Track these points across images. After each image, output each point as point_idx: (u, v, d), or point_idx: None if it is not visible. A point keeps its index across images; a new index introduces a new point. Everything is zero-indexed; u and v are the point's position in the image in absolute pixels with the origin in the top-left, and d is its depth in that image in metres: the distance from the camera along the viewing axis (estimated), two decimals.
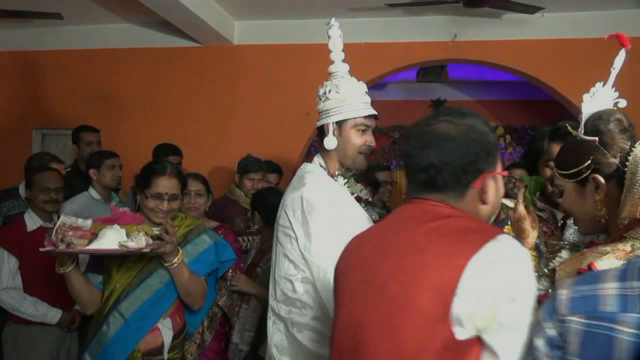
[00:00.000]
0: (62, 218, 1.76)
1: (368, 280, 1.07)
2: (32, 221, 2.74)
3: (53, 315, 2.65)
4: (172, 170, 2.07)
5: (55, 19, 4.19)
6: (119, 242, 1.81)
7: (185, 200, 2.41)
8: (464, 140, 1.05)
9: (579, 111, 1.34)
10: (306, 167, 1.90)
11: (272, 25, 4.63)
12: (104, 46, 4.85)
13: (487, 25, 4.32)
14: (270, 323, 1.77)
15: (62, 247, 1.73)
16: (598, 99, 1.32)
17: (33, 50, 4.98)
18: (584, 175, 1.19)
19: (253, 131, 4.59)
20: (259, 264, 2.67)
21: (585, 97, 1.33)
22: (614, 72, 1.39)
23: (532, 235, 1.47)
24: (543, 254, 1.59)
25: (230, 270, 2.52)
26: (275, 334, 1.74)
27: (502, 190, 1.15)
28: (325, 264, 1.67)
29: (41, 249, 1.75)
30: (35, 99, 4.99)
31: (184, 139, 4.10)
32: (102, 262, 2.06)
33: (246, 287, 2.58)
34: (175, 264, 1.94)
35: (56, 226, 1.74)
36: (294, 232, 1.74)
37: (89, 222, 1.79)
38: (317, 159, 1.90)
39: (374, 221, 1.89)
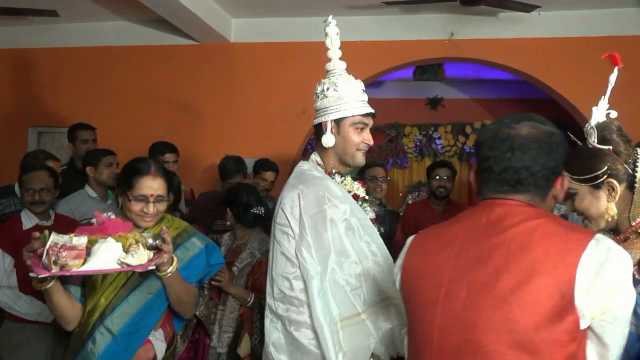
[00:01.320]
0: (54, 237, 1.56)
1: (468, 280, 1.11)
2: (28, 220, 2.73)
3: (48, 314, 2.65)
4: (157, 169, 1.87)
5: (51, 16, 4.17)
6: (119, 260, 1.61)
7: None
8: (551, 143, 1.14)
9: (576, 110, 1.40)
10: (303, 165, 1.90)
11: (269, 23, 4.62)
12: (100, 44, 4.84)
13: (484, 24, 4.32)
14: (267, 321, 1.77)
15: (55, 270, 1.53)
16: (600, 111, 1.49)
17: (28, 47, 4.96)
18: (600, 180, 1.38)
19: (250, 129, 4.59)
20: (233, 263, 2.63)
21: (594, 109, 1.49)
22: (609, 87, 1.54)
23: None
24: None
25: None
26: (273, 332, 1.75)
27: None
28: (311, 267, 1.68)
29: (32, 275, 1.53)
30: (31, 97, 4.97)
31: (180, 137, 4.09)
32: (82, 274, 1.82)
33: (228, 286, 2.53)
34: (170, 273, 1.75)
35: (47, 247, 1.53)
36: (292, 229, 1.74)
37: (84, 239, 1.59)
38: (314, 157, 1.90)
39: (371, 219, 1.89)
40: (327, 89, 1.83)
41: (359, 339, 1.70)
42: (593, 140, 1.42)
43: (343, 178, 1.88)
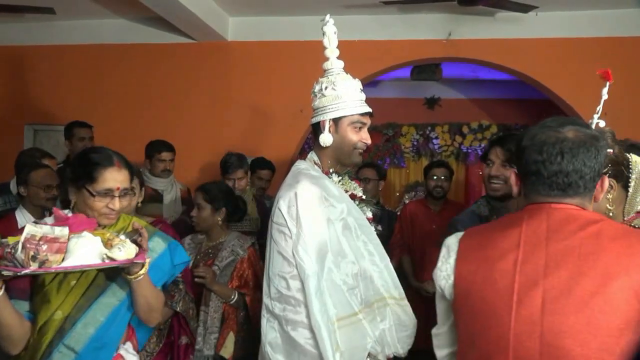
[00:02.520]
0: (30, 228, 1.34)
1: (543, 285, 1.12)
2: (24, 218, 2.72)
3: None
4: (119, 159, 1.66)
5: (47, 14, 4.15)
6: (104, 256, 1.42)
7: None
8: (597, 146, 1.17)
9: (572, 110, 1.45)
10: (300, 164, 1.89)
11: (266, 22, 4.61)
12: (97, 42, 4.82)
13: (482, 24, 4.32)
14: (264, 321, 1.77)
15: (33, 267, 1.30)
16: (593, 121, 1.63)
17: (25, 45, 4.93)
18: None
19: (247, 128, 4.58)
20: (213, 263, 2.58)
21: (595, 116, 1.64)
22: (602, 100, 1.69)
23: None
24: None
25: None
26: (269, 332, 1.74)
27: None
28: (308, 266, 1.68)
29: (4, 272, 1.31)
30: (27, 95, 4.95)
31: (177, 136, 4.08)
32: (30, 284, 1.57)
33: (212, 283, 2.45)
34: (141, 276, 1.54)
35: (22, 239, 1.31)
36: (289, 229, 1.73)
37: (66, 230, 1.39)
38: (312, 156, 1.90)
39: (368, 219, 1.89)
40: (325, 87, 1.82)
41: (356, 338, 1.70)
42: None
43: (340, 177, 1.88)
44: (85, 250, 1.40)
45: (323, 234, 1.73)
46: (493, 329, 1.15)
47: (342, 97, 1.81)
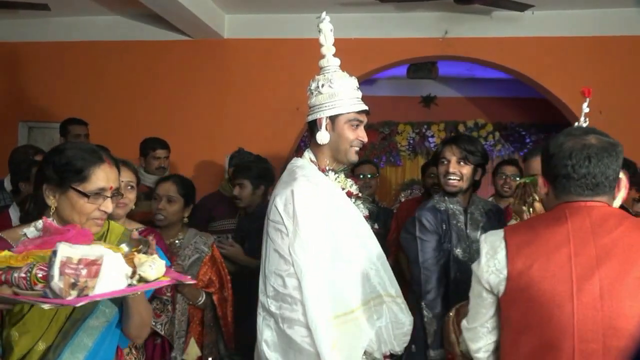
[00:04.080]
0: (65, 249, 1.10)
1: (599, 275, 1.28)
2: (18, 215, 2.70)
3: None
4: (107, 155, 1.47)
5: (42, 10, 4.12)
6: (138, 276, 1.18)
7: None
8: (617, 151, 1.37)
9: (568, 109, 1.49)
10: (297, 161, 1.89)
11: (262, 20, 4.60)
12: (91, 39, 4.79)
13: (478, 22, 4.33)
14: (260, 319, 1.76)
15: (73, 296, 1.08)
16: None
17: (19, 41, 4.90)
18: None
19: (243, 126, 4.56)
20: (174, 262, 2.43)
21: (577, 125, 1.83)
22: (583, 112, 1.92)
23: None
24: None
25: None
26: (265, 330, 1.74)
27: None
28: (304, 264, 1.67)
29: (44, 307, 1.12)
30: (22, 92, 4.91)
31: (173, 133, 4.06)
32: None
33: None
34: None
35: (58, 264, 1.08)
36: (285, 227, 1.73)
37: (101, 249, 1.17)
38: (308, 154, 1.89)
39: (364, 216, 1.89)
40: (322, 85, 1.82)
41: (353, 336, 1.70)
42: None
43: (337, 175, 1.88)
44: (116, 272, 1.16)
45: (320, 231, 1.73)
46: (555, 317, 1.29)
47: (339, 95, 1.80)
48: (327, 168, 1.86)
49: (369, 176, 3.71)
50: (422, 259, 2.28)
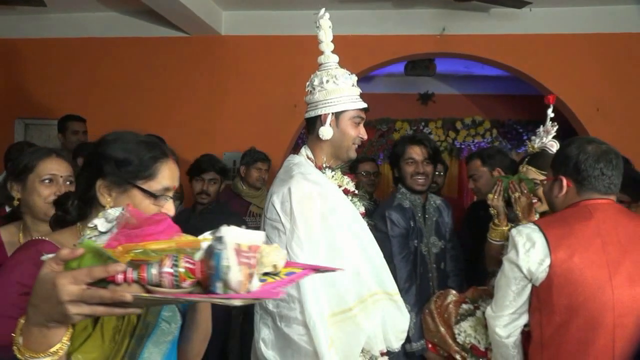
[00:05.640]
0: (230, 233, 0.88)
1: (628, 260, 1.56)
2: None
3: None
4: (169, 149, 1.30)
5: (37, 6, 4.10)
6: (271, 268, 0.98)
7: None
8: (620, 157, 1.65)
9: (565, 106, 1.46)
10: (293, 159, 1.88)
11: (260, 17, 4.58)
12: (88, 35, 4.77)
13: (475, 20, 4.32)
14: (257, 317, 1.76)
15: (246, 290, 0.87)
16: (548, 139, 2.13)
17: (15, 38, 4.88)
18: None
19: (240, 123, 4.56)
20: None
21: (541, 132, 2.16)
22: (548, 117, 2.16)
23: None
24: None
25: None
26: (262, 329, 1.73)
27: None
28: (302, 262, 1.67)
29: (199, 300, 0.95)
30: (18, 88, 4.89)
31: (169, 130, 4.05)
32: None
33: None
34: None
35: (233, 253, 0.86)
36: (282, 225, 1.72)
37: (261, 234, 0.96)
38: (305, 151, 1.88)
39: (361, 213, 1.89)
40: (327, 81, 1.81)
41: (350, 333, 1.70)
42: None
43: (333, 172, 1.87)
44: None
45: (317, 229, 1.72)
46: (598, 297, 1.54)
47: (345, 92, 1.81)
48: (324, 165, 1.86)
49: (372, 173, 3.71)
50: (395, 255, 2.38)
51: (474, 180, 2.77)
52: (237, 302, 0.85)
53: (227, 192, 3.58)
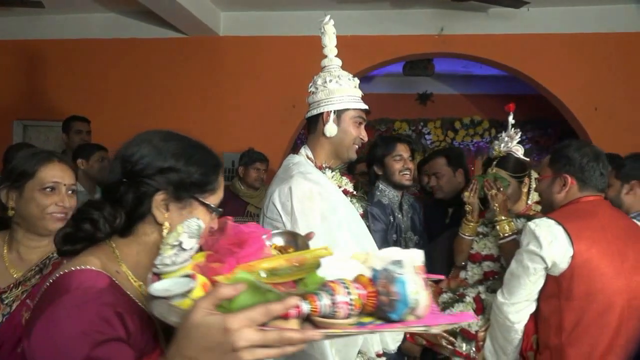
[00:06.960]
0: (405, 255, 0.85)
1: (631, 249, 1.77)
2: None
3: None
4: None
5: (36, 7, 4.10)
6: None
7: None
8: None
9: (563, 106, 1.43)
10: (293, 158, 1.89)
11: (258, 17, 4.58)
12: (86, 36, 4.76)
13: (474, 19, 4.33)
14: None
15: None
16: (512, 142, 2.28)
17: (13, 39, 4.87)
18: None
19: (239, 123, 4.56)
20: None
21: (506, 138, 2.31)
22: (510, 124, 2.31)
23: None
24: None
25: None
26: None
27: None
28: None
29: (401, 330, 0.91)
30: (17, 90, 4.89)
31: None
32: None
33: None
34: None
35: (417, 276, 0.82)
36: (283, 224, 1.72)
37: (420, 252, 0.92)
38: (304, 151, 1.89)
39: (360, 214, 1.89)
40: (330, 80, 1.82)
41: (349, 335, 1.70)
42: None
43: (333, 173, 1.88)
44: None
45: (317, 229, 1.72)
46: (614, 283, 1.74)
47: (347, 91, 1.83)
48: (324, 165, 1.86)
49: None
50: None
51: (436, 178, 2.81)
52: (435, 330, 0.82)
53: (225, 192, 3.59)
